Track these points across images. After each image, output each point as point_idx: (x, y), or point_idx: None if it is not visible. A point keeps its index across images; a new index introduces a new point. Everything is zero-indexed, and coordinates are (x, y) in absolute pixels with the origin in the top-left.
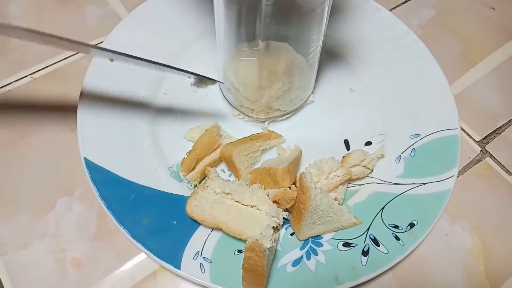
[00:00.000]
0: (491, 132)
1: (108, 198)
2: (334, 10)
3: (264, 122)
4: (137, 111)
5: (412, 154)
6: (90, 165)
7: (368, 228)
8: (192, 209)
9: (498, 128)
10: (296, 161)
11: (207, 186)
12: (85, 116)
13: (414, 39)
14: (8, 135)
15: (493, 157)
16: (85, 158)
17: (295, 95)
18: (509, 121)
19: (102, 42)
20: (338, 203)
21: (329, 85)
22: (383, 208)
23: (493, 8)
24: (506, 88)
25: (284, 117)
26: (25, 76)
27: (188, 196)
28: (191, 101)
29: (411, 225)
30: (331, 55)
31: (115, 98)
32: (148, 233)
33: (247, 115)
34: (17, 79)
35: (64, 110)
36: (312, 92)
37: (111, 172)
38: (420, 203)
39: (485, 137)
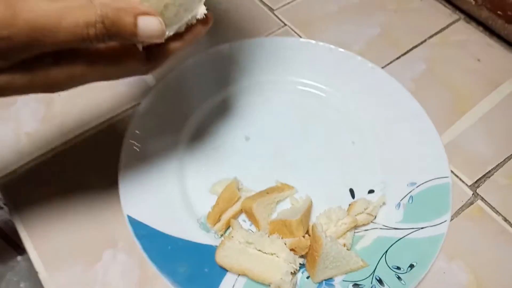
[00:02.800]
0: (482, 176)
1: (149, 250)
2: (334, 69)
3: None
4: (169, 170)
5: (410, 201)
6: (132, 222)
7: (374, 270)
8: (221, 258)
9: (487, 172)
10: (307, 212)
11: (232, 237)
12: (126, 177)
13: (407, 96)
14: (58, 193)
15: (484, 199)
16: (128, 216)
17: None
18: (497, 165)
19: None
20: (347, 249)
21: (334, 139)
22: (386, 251)
23: (479, 60)
24: (493, 134)
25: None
26: (71, 139)
27: (216, 246)
28: (212, 157)
29: (411, 266)
30: (334, 111)
31: (150, 159)
32: (185, 280)
33: None
34: (64, 141)
35: (106, 170)
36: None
37: (150, 227)
38: (418, 246)
39: (476, 181)
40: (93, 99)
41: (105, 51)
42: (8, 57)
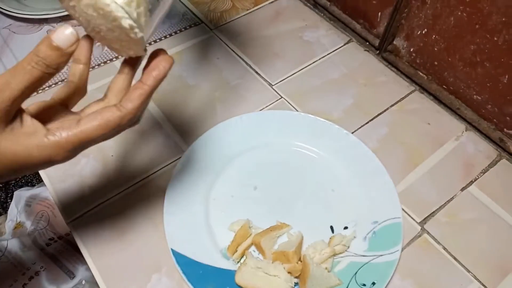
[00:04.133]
0: (428, 215)
1: (187, 274)
2: (319, 135)
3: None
4: (199, 214)
5: (373, 235)
6: (175, 253)
7: (347, 286)
8: (239, 279)
9: (432, 212)
10: (300, 244)
11: (246, 263)
12: (169, 220)
13: (371, 156)
14: (113, 231)
15: (429, 233)
16: (171, 249)
17: None
18: (439, 207)
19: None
20: (328, 271)
21: (318, 188)
22: (356, 272)
23: (429, 124)
24: (437, 183)
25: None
26: (123, 191)
27: (235, 270)
28: (230, 203)
29: (373, 283)
30: (319, 167)
31: (185, 206)
32: None
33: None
34: (117, 192)
35: (151, 213)
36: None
37: (187, 257)
38: (379, 269)
39: (423, 219)
40: (138, 158)
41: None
42: None
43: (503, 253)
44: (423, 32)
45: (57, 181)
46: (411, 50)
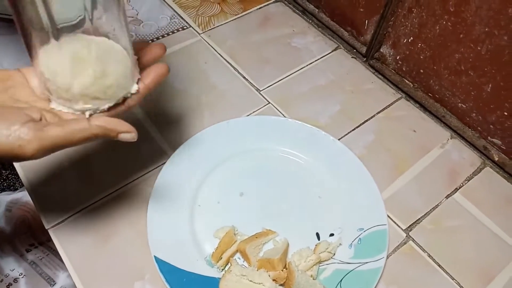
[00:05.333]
0: (413, 223)
1: (170, 281)
2: (305, 141)
3: (85, 112)
4: (183, 220)
5: (359, 242)
6: (158, 260)
7: None
8: (223, 287)
9: (417, 219)
10: (285, 251)
11: (231, 271)
12: (152, 226)
13: (357, 163)
14: (95, 238)
15: (414, 240)
16: (154, 256)
17: (111, 82)
18: (425, 214)
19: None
20: (313, 278)
21: (305, 194)
22: (341, 280)
23: (415, 131)
24: (423, 190)
25: (107, 106)
26: (105, 196)
27: (219, 278)
28: (215, 209)
29: None
30: (306, 173)
31: (169, 212)
32: None
33: (66, 106)
34: (99, 199)
35: (134, 219)
36: (137, 83)
37: (170, 264)
38: (364, 276)
39: (408, 226)
40: (121, 163)
41: None
42: None
43: (487, 260)
44: (409, 40)
45: (38, 185)
46: (398, 58)
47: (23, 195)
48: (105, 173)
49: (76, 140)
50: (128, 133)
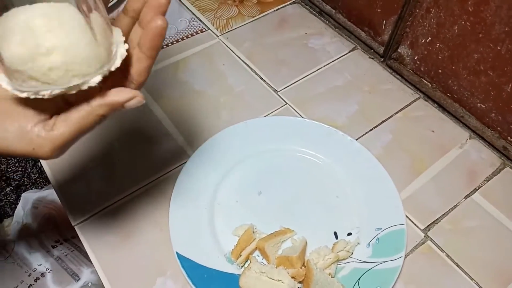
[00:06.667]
0: (431, 223)
1: (191, 277)
2: (323, 141)
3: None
4: (204, 218)
5: (377, 242)
6: (180, 256)
7: None
8: (243, 283)
9: (436, 219)
10: (303, 249)
11: (250, 268)
12: (174, 223)
13: (375, 163)
14: (119, 235)
15: (433, 240)
16: (176, 252)
17: (55, 62)
18: (443, 214)
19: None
20: (331, 277)
21: (323, 194)
22: (359, 278)
23: (433, 131)
24: (441, 190)
25: (52, 93)
26: (129, 195)
27: (239, 274)
28: (234, 208)
29: None
30: (324, 173)
31: (191, 210)
32: None
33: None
34: (122, 197)
35: (156, 216)
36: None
37: (192, 260)
38: (382, 275)
39: (427, 226)
40: (144, 163)
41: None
42: None
43: (506, 261)
44: (427, 40)
45: (65, 185)
46: (416, 58)
47: (48, 193)
48: (128, 173)
49: (86, 128)
50: (132, 99)
